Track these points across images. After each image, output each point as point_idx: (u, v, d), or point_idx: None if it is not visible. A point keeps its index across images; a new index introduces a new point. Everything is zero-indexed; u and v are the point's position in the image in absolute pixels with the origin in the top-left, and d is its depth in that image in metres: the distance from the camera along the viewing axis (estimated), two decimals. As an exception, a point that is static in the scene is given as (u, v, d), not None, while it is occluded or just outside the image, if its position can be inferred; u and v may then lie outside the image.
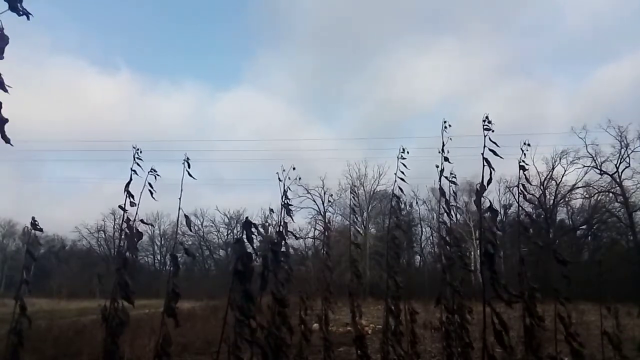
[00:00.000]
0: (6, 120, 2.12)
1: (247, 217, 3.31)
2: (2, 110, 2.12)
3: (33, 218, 3.88)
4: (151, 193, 3.72)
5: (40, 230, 3.89)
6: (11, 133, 2.13)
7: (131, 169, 3.78)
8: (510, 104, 67.87)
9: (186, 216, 3.65)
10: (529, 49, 74.41)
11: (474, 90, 75.07)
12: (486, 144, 3.71)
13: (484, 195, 3.81)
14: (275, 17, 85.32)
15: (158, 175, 3.77)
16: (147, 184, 3.72)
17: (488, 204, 3.83)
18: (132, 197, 3.74)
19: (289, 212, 4.03)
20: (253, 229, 3.34)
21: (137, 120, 78.94)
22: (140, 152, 3.81)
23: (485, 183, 3.69)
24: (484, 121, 3.78)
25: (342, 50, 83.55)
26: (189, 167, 3.78)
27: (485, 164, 3.67)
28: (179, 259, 3.79)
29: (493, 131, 3.74)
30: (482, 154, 3.69)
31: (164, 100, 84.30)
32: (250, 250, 3.29)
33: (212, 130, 79.34)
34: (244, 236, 3.26)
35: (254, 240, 3.36)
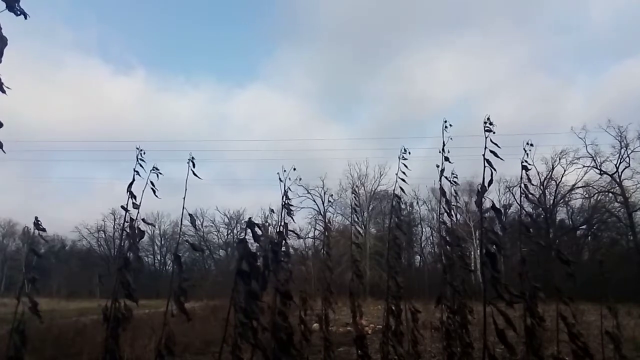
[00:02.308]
0: (0, 125, 2.11)
1: (250, 217, 3.31)
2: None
3: (36, 217, 3.88)
4: (154, 191, 3.73)
5: (43, 229, 3.88)
6: (20, 132, 2.11)
7: (134, 169, 3.80)
8: (530, 102, 67.52)
9: (191, 215, 3.66)
10: (552, 46, 73.72)
11: (493, 88, 74.29)
12: (487, 145, 3.72)
13: (484, 195, 3.82)
14: (295, 14, 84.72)
15: (160, 174, 3.78)
16: (149, 182, 3.73)
17: (491, 204, 3.85)
18: (135, 197, 3.75)
19: (289, 213, 4.04)
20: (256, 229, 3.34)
21: (150, 119, 78.82)
22: (144, 152, 3.82)
23: (486, 184, 3.70)
24: (485, 122, 3.79)
25: (360, 49, 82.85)
26: (193, 166, 3.79)
27: (487, 164, 3.68)
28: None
29: (494, 132, 3.74)
30: (484, 155, 3.70)
31: (178, 99, 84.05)
32: (254, 250, 3.29)
33: (227, 128, 79.20)
34: (248, 236, 3.26)
35: (258, 240, 3.36)
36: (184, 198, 3.68)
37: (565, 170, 39.67)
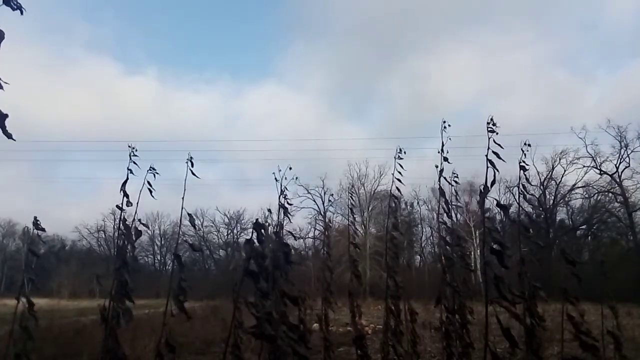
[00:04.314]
0: (6, 116, 2.11)
1: (257, 219, 3.31)
2: (2, 106, 2.11)
3: (35, 217, 3.88)
4: (150, 192, 3.74)
5: (43, 229, 3.89)
6: (26, 131, 2.13)
7: (127, 168, 3.79)
8: (546, 101, 67.17)
9: (190, 215, 3.67)
10: (571, 44, 73.34)
11: (508, 87, 74.09)
12: (490, 146, 3.72)
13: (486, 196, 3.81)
14: (309, 11, 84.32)
15: (157, 173, 3.79)
16: (146, 182, 3.74)
17: (492, 203, 3.85)
18: (128, 197, 3.75)
19: (286, 212, 4.04)
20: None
21: (162, 117, 78.82)
22: (136, 150, 3.83)
23: (489, 184, 3.70)
24: (488, 123, 3.78)
25: (375, 47, 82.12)
26: (192, 166, 3.80)
27: (489, 165, 3.67)
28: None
29: (497, 133, 3.74)
30: (486, 155, 3.70)
31: (190, 97, 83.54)
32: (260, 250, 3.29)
33: (239, 126, 78.88)
34: (254, 236, 3.26)
35: (263, 241, 3.35)
36: (183, 198, 3.69)
37: (565, 170, 39.78)
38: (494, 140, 3.74)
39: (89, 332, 10.22)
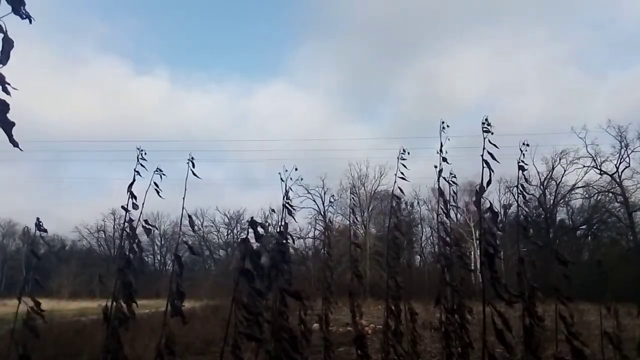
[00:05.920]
0: (13, 124, 2.11)
1: (252, 217, 3.32)
2: (9, 114, 2.10)
3: (37, 218, 3.88)
4: (157, 192, 3.75)
5: (45, 230, 3.89)
6: (32, 131, 2.13)
7: (134, 169, 3.81)
8: (557, 100, 66.79)
9: (189, 216, 3.67)
10: (582, 43, 72.79)
11: (519, 86, 73.45)
12: (485, 146, 3.73)
13: (483, 196, 3.82)
14: (320, 12, 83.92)
15: (164, 174, 3.80)
16: (152, 183, 3.75)
17: (488, 205, 3.85)
18: (135, 198, 3.76)
19: (290, 212, 4.04)
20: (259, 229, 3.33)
21: (171, 116, 78.52)
22: (145, 153, 3.84)
23: (484, 185, 3.71)
24: (483, 123, 3.79)
25: (386, 46, 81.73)
26: (193, 166, 3.81)
27: (485, 165, 3.68)
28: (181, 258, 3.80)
29: (492, 133, 3.75)
30: (482, 155, 3.71)
31: (200, 97, 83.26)
32: (256, 249, 3.30)
33: (249, 126, 78.63)
34: (250, 235, 3.27)
35: (260, 239, 3.36)
36: (184, 198, 3.71)
37: (565, 170, 39.80)
38: (489, 141, 3.76)
39: (89, 332, 10.25)
